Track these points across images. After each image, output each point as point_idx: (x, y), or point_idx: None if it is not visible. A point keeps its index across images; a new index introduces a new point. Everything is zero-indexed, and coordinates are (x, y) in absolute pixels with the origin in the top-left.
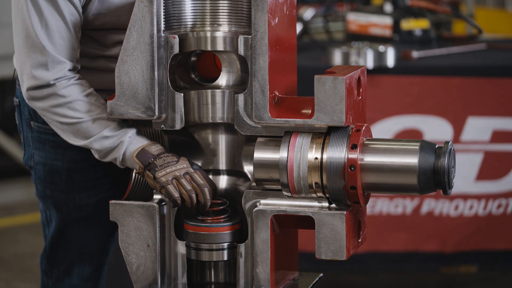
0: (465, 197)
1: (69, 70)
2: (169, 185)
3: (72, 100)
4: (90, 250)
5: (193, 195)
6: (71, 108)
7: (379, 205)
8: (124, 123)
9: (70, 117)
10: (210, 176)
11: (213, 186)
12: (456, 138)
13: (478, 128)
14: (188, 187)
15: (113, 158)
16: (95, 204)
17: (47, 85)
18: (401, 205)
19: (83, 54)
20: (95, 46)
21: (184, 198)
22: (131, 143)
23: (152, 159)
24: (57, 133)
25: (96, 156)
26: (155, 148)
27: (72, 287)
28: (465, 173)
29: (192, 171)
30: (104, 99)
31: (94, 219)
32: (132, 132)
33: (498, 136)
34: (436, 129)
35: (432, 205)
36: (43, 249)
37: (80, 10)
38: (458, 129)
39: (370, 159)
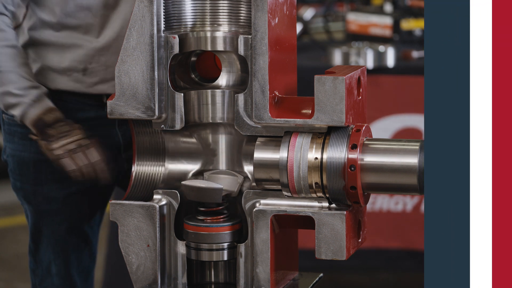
0: None
1: None
2: (63, 159)
3: None
4: (64, 248)
5: (89, 170)
6: None
7: (379, 202)
8: (35, 82)
9: None
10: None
11: (107, 159)
12: None
13: None
14: (84, 161)
15: (12, 114)
16: (64, 197)
17: None
18: (402, 202)
19: (47, 25)
20: (57, 13)
21: (79, 171)
22: (32, 106)
23: (47, 128)
24: (25, 125)
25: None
26: (52, 116)
27: (54, 286)
28: None
29: (87, 142)
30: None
31: (64, 214)
32: (34, 95)
33: None
34: None
35: None
36: (28, 245)
37: None
38: None
39: (370, 159)
